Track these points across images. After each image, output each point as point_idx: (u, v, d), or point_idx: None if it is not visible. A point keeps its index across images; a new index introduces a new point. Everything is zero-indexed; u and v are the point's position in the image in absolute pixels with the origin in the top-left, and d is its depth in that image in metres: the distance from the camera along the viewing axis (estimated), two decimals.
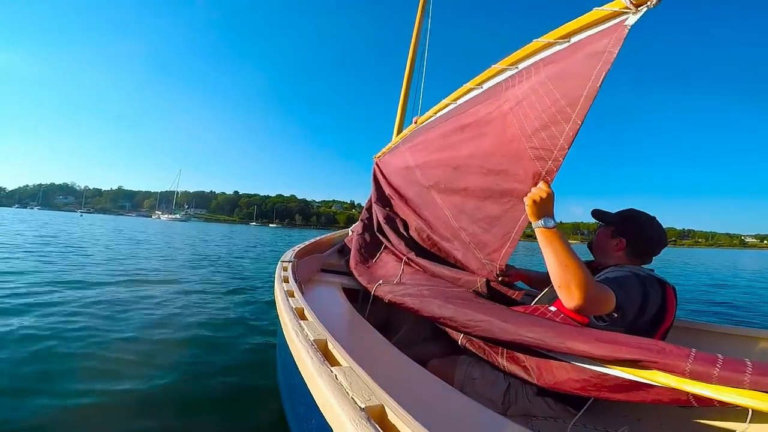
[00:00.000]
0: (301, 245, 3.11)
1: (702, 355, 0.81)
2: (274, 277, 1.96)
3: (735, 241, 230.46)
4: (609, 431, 1.13)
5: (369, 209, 2.98)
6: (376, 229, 2.67)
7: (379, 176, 3.11)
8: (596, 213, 1.55)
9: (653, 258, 1.45)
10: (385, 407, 0.73)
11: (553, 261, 1.11)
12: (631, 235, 1.41)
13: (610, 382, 0.99)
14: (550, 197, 1.21)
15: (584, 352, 0.97)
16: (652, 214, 1.48)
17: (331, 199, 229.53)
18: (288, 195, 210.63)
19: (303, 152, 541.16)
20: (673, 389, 0.86)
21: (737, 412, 0.84)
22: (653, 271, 1.34)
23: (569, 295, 1.04)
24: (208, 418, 1.96)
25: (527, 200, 1.23)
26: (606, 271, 1.30)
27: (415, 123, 2.50)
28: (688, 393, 0.84)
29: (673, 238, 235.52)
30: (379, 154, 3.34)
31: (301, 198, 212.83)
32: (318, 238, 3.70)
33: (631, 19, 1.04)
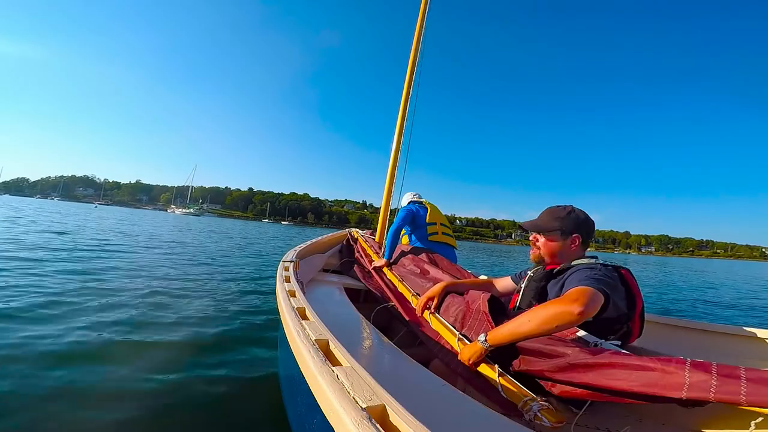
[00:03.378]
0: (303, 245, 3.13)
1: (695, 384, 0.81)
2: (276, 277, 1.97)
3: (755, 253, 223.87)
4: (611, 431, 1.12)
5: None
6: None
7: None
8: (531, 226, 1.61)
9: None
10: (387, 407, 0.73)
11: (524, 335, 1.16)
12: (581, 227, 1.52)
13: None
14: (465, 351, 1.32)
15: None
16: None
17: (343, 199, 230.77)
18: (301, 193, 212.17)
19: (318, 152, 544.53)
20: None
21: (744, 411, 0.83)
22: (597, 257, 1.45)
23: (568, 315, 1.07)
24: (209, 417, 1.96)
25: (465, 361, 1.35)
26: (571, 273, 1.36)
27: None
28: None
29: (691, 249, 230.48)
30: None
31: (314, 197, 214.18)
32: (319, 238, 3.73)
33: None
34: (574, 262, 1.43)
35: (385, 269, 2.59)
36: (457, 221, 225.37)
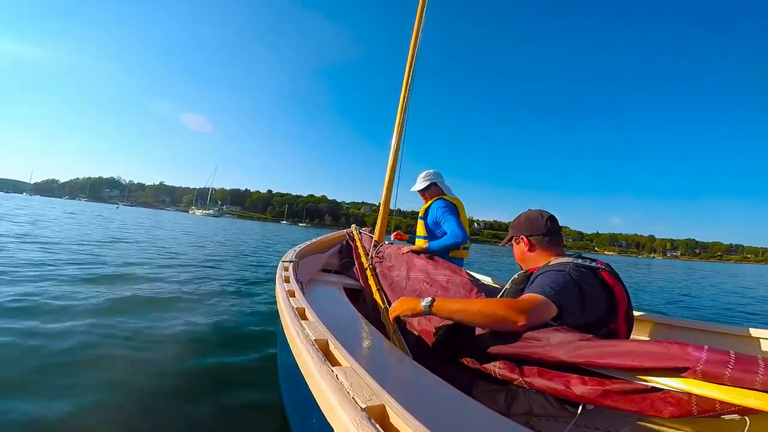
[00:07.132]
0: (302, 245, 3.12)
1: (711, 360, 0.78)
2: (275, 277, 1.96)
3: None
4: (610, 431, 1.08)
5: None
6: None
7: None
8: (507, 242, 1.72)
9: (561, 239, 1.55)
10: (386, 407, 0.73)
11: (469, 320, 1.18)
12: (526, 230, 1.54)
13: (614, 390, 0.95)
14: (401, 303, 1.44)
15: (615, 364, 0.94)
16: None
17: (360, 201, 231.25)
18: (319, 195, 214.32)
19: (336, 154, 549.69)
20: (677, 400, 0.84)
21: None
22: (579, 257, 1.40)
23: (512, 323, 1.10)
24: (207, 417, 1.92)
25: (392, 315, 1.47)
26: (537, 275, 1.34)
27: None
28: (692, 402, 0.82)
29: (720, 253, 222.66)
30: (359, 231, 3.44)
31: (332, 199, 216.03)
32: (319, 238, 3.71)
33: None
34: (551, 262, 1.41)
35: (368, 272, 2.47)
36: (475, 224, 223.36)
